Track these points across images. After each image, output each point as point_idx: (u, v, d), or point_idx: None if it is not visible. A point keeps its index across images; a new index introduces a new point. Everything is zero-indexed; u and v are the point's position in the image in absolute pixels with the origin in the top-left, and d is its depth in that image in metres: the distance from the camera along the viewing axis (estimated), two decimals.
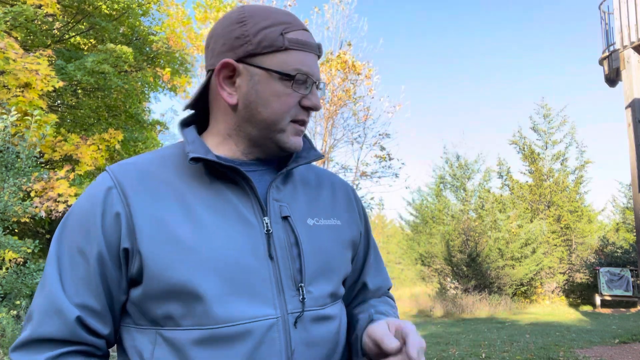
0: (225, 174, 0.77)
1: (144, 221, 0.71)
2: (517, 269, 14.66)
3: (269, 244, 0.75)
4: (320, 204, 0.86)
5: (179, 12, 10.62)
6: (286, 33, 0.76)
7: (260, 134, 0.80)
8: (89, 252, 0.71)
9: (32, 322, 0.71)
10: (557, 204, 16.77)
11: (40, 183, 5.38)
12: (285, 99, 0.77)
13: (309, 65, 0.78)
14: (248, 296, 0.72)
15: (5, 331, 4.38)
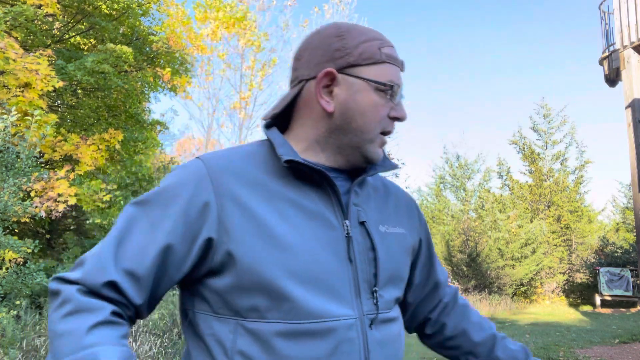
0: (311, 177, 0.81)
1: (236, 215, 0.74)
2: (517, 269, 14.67)
3: (349, 247, 0.79)
4: (388, 211, 0.91)
5: (179, 12, 10.63)
6: (382, 48, 0.82)
7: (350, 142, 0.83)
8: (160, 227, 0.74)
9: (82, 268, 0.74)
10: (557, 204, 16.77)
11: (40, 183, 5.38)
12: (380, 108, 0.81)
13: (397, 79, 0.83)
14: (330, 296, 0.75)
15: (5, 331, 4.38)
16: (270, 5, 12.97)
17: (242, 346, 0.73)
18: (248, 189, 0.77)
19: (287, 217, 0.76)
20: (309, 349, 0.73)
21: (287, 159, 0.77)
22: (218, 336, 0.75)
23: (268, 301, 0.73)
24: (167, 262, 0.74)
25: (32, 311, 5.40)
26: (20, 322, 4.93)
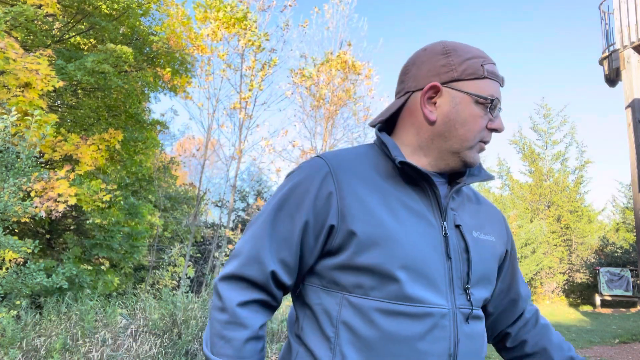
0: (415, 179, 0.91)
1: (353, 205, 0.85)
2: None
3: (447, 245, 0.88)
4: (480, 219, 0.99)
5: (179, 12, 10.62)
6: (484, 65, 0.92)
7: (451, 148, 0.92)
8: (297, 219, 0.86)
9: (238, 260, 0.88)
10: (557, 204, 16.76)
11: (40, 183, 5.38)
12: (479, 120, 0.91)
13: (497, 93, 0.93)
14: (428, 286, 0.84)
15: (5, 331, 4.38)
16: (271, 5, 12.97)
17: (346, 317, 0.84)
18: (362, 184, 0.87)
19: (394, 211, 0.86)
20: (406, 327, 0.82)
21: (401, 161, 0.87)
22: (325, 306, 0.86)
23: (373, 281, 0.83)
24: (305, 248, 0.87)
25: (32, 311, 5.40)
26: (20, 322, 4.93)
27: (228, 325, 0.83)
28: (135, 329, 5.15)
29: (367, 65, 13.39)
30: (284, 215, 0.87)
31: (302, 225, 0.86)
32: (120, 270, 7.71)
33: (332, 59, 13.09)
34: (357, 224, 0.83)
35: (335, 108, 13.30)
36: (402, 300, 0.82)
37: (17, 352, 4.13)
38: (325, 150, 13.37)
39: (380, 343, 0.81)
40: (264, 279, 0.86)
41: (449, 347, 0.84)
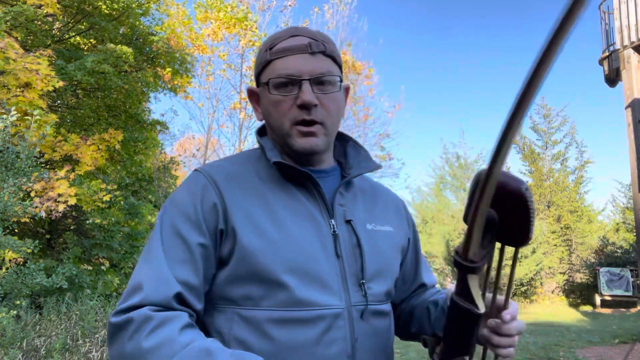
0: (298, 179, 0.88)
1: (235, 212, 0.82)
2: (517, 269, 14.66)
3: (336, 243, 0.86)
4: (376, 211, 0.97)
5: (179, 12, 10.62)
6: (272, 47, 0.87)
7: (279, 142, 0.91)
8: (189, 236, 0.81)
9: (142, 291, 0.76)
10: (557, 204, 16.76)
11: (40, 183, 5.38)
12: (280, 105, 0.86)
13: (293, 67, 0.85)
14: (319, 287, 0.81)
15: (5, 331, 4.38)
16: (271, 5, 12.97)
17: (238, 333, 0.79)
18: (243, 192, 0.85)
19: (277, 216, 0.83)
20: (299, 334, 0.79)
21: (275, 161, 0.86)
22: (216, 325, 0.82)
23: (262, 290, 0.79)
24: (206, 262, 0.82)
25: (32, 311, 5.40)
26: (20, 322, 4.93)
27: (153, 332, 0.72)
28: None
29: (367, 65, 13.40)
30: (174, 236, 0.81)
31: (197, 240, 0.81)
32: (120, 270, 7.71)
33: None
34: (240, 233, 0.80)
35: None
36: (293, 306, 0.79)
37: (17, 352, 4.13)
38: None
39: (275, 355, 0.78)
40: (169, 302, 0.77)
41: (346, 347, 0.81)
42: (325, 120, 0.87)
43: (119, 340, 0.75)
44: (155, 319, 0.73)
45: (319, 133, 0.87)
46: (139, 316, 0.73)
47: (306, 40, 0.87)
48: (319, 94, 0.86)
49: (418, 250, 1.07)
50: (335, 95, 0.89)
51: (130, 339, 0.73)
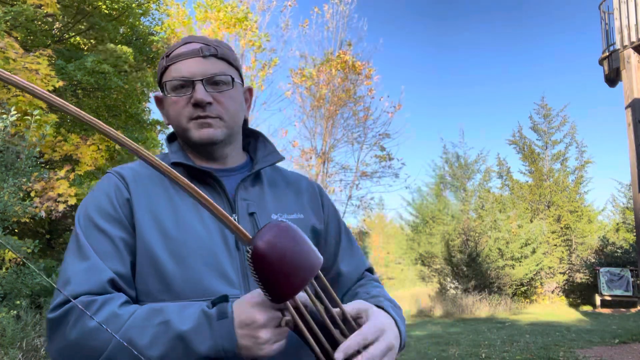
0: (203, 178, 0.93)
1: (140, 210, 0.87)
2: (517, 269, 14.65)
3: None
4: (285, 201, 1.01)
5: (179, 12, 10.62)
6: (169, 54, 0.95)
7: (182, 139, 0.98)
8: (111, 231, 0.85)
9: (70, 284, 0.79)
10: (557, 204, 16.76)
11: (40, 183, 5.38)
12: (176, 105, 0.93)
13: (186, 70, 0.92)
14: (220, 279, 0.85)
15: (5, 331, 4.38)
16: (271, 5, 12.96)
17: None
18: (149, 190, 0.90)
19: (180, 215, 0.88)
20: None
21: (173, 161, 0.93)
22: None
23: (160, 285, 0.83)
24: (130, 252, 0.85)
25: (32, 311, 5.40)
26: (20, 322, 4.93)
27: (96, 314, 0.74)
28: None
29: (367, 65, 13.40)
30: (95, 231, 0.84)
31: (119, 232, 0.85)
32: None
33: (332, 59, 13.09)
34: (143, 229, 0.85)
35: (335, 108, 13.29)
36: (191, 298, 0.81)
37: (17, 352, 4.13)
38: (326, 150, 13.36)
39: None
40: (104, 288, 0.79)
41: None
42: (222, 115, 0.93)
43: (60, 332, 0.76)
44: (97, 301, 0.76)
45: (215, 124, 0.93)
46: (80, 303, 0.75)
47: (198, 46, 0.94)
48: (213, 92, 0.92)
49: (340, 231, 1.08)
50: (230, 93, 0.95)
51: (73, 326, 0.74)
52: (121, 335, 0.71)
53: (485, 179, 16.94)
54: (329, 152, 13.42)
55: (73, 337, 0.74)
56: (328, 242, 1.06)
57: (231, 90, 0.95)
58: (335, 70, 12.96)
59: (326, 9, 13.91)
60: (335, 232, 1.07)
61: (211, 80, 0.92)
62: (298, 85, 13.35)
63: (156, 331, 0.72)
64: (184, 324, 0.72)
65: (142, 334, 0.72)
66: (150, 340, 0.71)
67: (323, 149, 13.37)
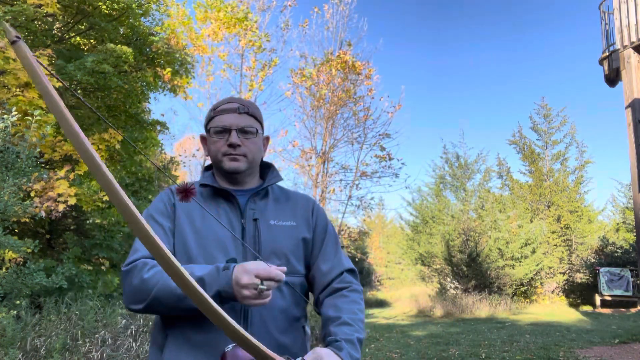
0: (222, 194, 1.36)
1: (180, 212, 1.32)
2: (517, 269, 14.65)
3: (243, 235, 1.30)
4: (282, 212, 1.38)
5: (179, 12, 10.61)
6: (216, 108, 1.37)
7: (216, 167, 1.39)
8: (163, 222, 1.29)
9: (138, 252, 1.23)
10: (557, 204, 16.76)
11: (40, 183, 5.38)
12: (216, 144, 1.35)
13: (226, 121, 1.34)
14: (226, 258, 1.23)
15: (5, 331, 4.38)
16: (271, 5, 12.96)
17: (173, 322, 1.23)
18: (190, 204, 1.29)
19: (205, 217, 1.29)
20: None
21: (201, 183, 1.37)
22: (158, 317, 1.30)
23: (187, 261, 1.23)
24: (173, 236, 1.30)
25: (32, 311, 5.40)
26: (20, 322, 4.93)
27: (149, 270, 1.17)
28: (135, 329, 5.15)
29: (367, 65, 13.39)
30: (152, 221, 1.29)
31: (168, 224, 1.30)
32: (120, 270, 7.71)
33: (332, 59, 13.09)
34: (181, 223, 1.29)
35: (335, 108, 13.29)
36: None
37: (17, 352, 4.13)
38: (326, 150, 13.36)
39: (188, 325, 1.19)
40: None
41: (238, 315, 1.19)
42: (247, 153, 1.34)
43: (129, 279, 1.19)
44: (149, 263, 1.19)
45: (241, 160, 1.34)
46: (140, 263, 1.20)
47: (236, 105, 1.35)
48: (242, 138, 1.33)
49: (325, 239, 1.41)
50: (254, 139, 1.36)
51: (136, 277, 1.17)
52: (162, 282, 1.12)
53: (485, 179, 16.94)
54: (329, 152, 13.42)
55: (136, 283, 1.17)
56: (314, 245, 1.39)
57: (255, 138, 1.36)
58: (335, 70, 12.96)
59: (326, 9, 13.91)
60: (320, 238, 1.40)
61: (242, 130, 1.33)
62: (298, 85, 13.35)
63: None
64: (202, 272, 1.11)
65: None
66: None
67: (323, 149, 13.37)
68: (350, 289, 1.34)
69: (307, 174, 13.34)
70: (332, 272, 1.36)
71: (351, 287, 1.35)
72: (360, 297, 1.35)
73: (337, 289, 1.34)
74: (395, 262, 24.82)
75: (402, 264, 22.58)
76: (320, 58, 13.34)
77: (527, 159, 17.78)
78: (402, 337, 9.11)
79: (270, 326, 1.22)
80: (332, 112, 13.32)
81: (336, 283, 1.35)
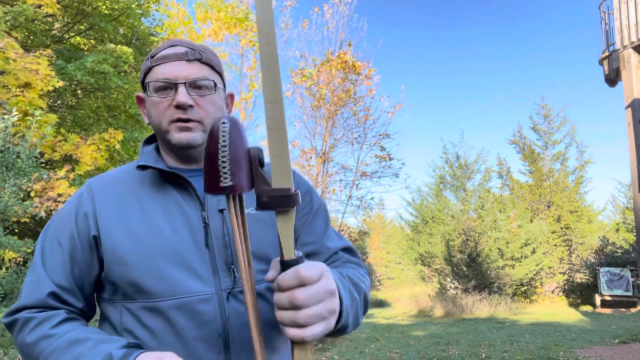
0: (171, 179, 0.95)
1: (110, 217, 0.91)
2: (517, 269, 14.65)
3: (206, 234, 0.91)
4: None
5: (179, 12, 10.62)
6: (154, 56, 0.97)
7: (160, 138, 0.99)
8: (63, 243, 0.91)
9: (20, 297, 0.91)
10: (557, 204, 16.76)
11: (40, 183, 5.38)
12: (158, 106, 0.95)
13: (170, 72, 0.93)
14: (190, 276, 0.87)
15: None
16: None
17: (126, 323, 0.88)
18: (121, 198, 0.93)
19: (149, 215, 0.91)
20: (171, 321, 0.86)
21: (139, 164, 0.95)
22: (111, 318, 0.91)
23: (131, 287, 0.87)
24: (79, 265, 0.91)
25: None
26: None
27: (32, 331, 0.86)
28: None
29: (367, 65, 13.39)
30: (52, 242, 0.93)
31: (69, 246, 0.91)
32: None
33: (332, 59, 13.09)
34: (110, 236, 0.89)
35: (336, 108, 13.29)
36: (158, 297, 0.86)
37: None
38: (326, 150, 13.36)
39: (154, 342, 0.86)
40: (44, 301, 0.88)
41: (216, 328, 0.87)
42: (203, 119, 0.95)
43: (12, 335, 0.91)
44: (35, 319, 0.86)
45: (195, 128, 0.94)
46: (21, 318, 0.88)
47: (183, 50, 0.96)
48: (195, 96, 0.94)
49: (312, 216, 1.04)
50: (212, 97, 0.96)
51: (17, 336, 0.89)
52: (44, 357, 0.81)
53: (485, 179, 16.93)
54: (329, 152, 13.43)
55: (17, 343, 0.89)
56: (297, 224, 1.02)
57: (213, 95, 0.96)
58: (335, 70, 12.96)
59: (326, 9, 13.91)
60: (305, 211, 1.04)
61: (194, 84, 0.94)
62: (298, 85, 13.36)
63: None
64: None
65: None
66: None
67: (323, 149, 13.37)
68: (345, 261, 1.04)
69: (307, 174, 13.35)
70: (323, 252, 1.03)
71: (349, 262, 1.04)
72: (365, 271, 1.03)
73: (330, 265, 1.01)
74: (395, 262, 24.82)
75: (402, 264, 22.58)
76: (320, 58, 13.35)
77: (527, 159, 17.78)
78: (402, 337, 9.11)
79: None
80: (332, 112, 13.32)
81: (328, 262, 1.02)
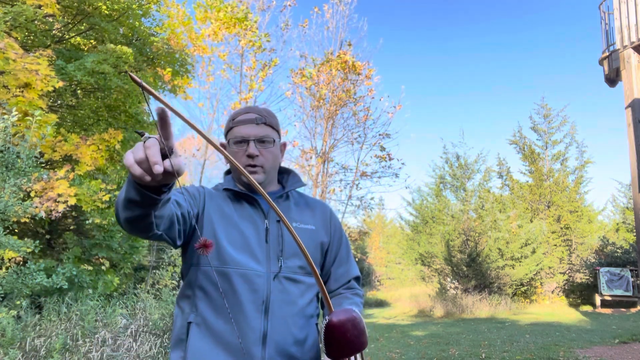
0: (245, 197, 1.42)
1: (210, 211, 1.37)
2: (517, 269, 14.65)
3: (267, 235, 1.37)
4: (303, 215, 1.47)
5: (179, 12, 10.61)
6: (234, 118, 1.44)
7: (236, 175, 1.48)
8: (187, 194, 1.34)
9: None
10: (557, 204, 16.76)
11: (40, 183, 5.37)
12: (235, 155, 1.40)
13: (244, 132, 1.40)
14: (252, 258, 1.33)
15: (5, 331, 4.38)
16: (271, 5, 12.97)
17: (200, 281, 1.32)
18: (216, 204, 1.39)
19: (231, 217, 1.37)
20: (234, 284, 1.29)
21: (224, 188, 1.43)
22: (190, 277, 1.35)
23: (214, 253, 1.29)
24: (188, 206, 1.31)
25: (32, 311, 5.41)
26: (20, 322, 4.93)
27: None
28: (135, 329, 5.15)
29: (367, 66, 13.39)
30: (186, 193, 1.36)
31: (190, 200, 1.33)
32: (120, 270, 7.71)
33: (332, 59, 13.09)
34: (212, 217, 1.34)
35: (336, 108, 13.29)
36: (230, 265, 1.29)
37: (17, 352, 4.13)
38: (326, 150, 13.36)
39: (219, 298, 1.27)
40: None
41: (262, 296, 1.29)
42: (264, 164, 1.40)
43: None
44: None
45: (259, 172, 1.40)
46: None
47: (253, 116, 1.41)
48: (260, 148, 1.39)
49: (337, 250, 1.51)
50: (272, 149, 1.42)
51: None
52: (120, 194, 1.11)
53: (485, 179, 16.93)
54: (329, 152, 13.42)
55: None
56: (330, 249, 1.49)
57: (272, 148, 1.42)
58: (335, 70, 12.96)
59: (326, 9, 13.92)
60: (337, 243, 1.51)
61: (260, 140, 1.39)
62: (298, 85, 13.36)
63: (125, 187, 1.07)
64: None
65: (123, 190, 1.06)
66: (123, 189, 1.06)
67: (323, 149, 13.37)
68: (353, 293, 1.49)
69: (307, 174, 13.35)
70: (343, 278, 1.51)
71: (354, 291, 1.50)
72: (361, 300, 1.48)
73: (342, 293, 1.48)
74: (395, 262, 24.80)
75: (402, 264, 22.57)
76: (320, 58, 13.35)
77: (527, 159, 17.78)
78: (402, 337, 9.11)
79: (289, 321, 1.32)
80: (332, 112, 13.32)
81: (343, 289, 1.49)
